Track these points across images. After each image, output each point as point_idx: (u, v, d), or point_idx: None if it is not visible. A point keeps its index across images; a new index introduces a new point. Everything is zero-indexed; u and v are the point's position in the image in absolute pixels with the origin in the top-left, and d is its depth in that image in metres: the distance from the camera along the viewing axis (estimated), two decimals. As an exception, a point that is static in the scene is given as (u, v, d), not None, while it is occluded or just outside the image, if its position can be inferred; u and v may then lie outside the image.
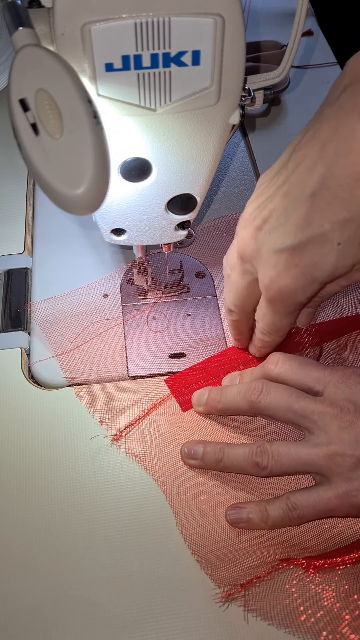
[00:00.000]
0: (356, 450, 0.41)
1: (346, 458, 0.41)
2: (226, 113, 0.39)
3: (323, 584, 0.40)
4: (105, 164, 0.32)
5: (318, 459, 0.42)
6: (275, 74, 0.43)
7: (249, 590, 0.40)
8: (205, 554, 0.42)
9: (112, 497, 0.44)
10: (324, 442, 0.42)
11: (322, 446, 0.42)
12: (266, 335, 0.46)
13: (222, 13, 0.34)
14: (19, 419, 0.48)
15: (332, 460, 0.41)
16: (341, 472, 0.41)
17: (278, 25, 0.82)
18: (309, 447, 0.42)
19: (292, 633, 0.38)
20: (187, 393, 0.49)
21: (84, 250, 0.60)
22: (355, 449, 0.41)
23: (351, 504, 0.41)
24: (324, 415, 0.42)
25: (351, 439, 0.41)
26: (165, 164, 0.41)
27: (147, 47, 0.34)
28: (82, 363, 0.51)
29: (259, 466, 0.43)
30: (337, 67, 0.79)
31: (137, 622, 0.39)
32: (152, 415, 0.48)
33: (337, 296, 0.55)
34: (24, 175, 0.67)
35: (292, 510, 0.41)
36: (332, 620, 0.38)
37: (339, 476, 0.41)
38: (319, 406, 0.43)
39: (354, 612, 0.39)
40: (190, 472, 0.45)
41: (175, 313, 0.55)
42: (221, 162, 0.68)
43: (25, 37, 0.32)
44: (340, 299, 0.55)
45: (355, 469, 0.41)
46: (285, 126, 0.72)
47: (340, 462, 0.41)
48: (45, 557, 0.42)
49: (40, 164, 0.32)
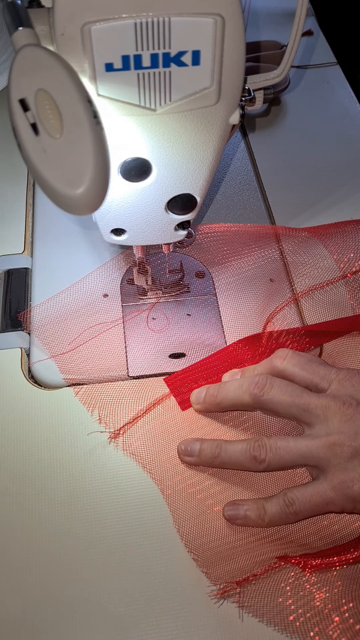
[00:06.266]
0: (354, 441, 0.41)
1: (344, 448, 0.41)
2: (226, 113, 0.39)
3: (318, 584, 0.40)
4: (105, 164, 0.32)
5: (317, 450, 0.42)
6: (275, 74, 0.43)
7: (244, 587, 0.40)
8: (201, 552, 0.42)
9: (112, 496, 0.44)
10: (323, 433, 0.42)
11: (322, 437, 0.42)
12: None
13: (222, 13, 0.34)
14: (19, 419, 0.48)
15: (330, 451, 0.42)
16: (338, 462, 0.41)
17: (278, 25, 0.82)
18: (308, 440, 0.43)
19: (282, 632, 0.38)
20: (187, 392, 0.49)
21: (84, 250, 0.60)
22: (353, 440, 0.41)
23: (346, 496, 0.41)
24: (326, 409, 0.43)
25: (351, 431, 0.42)
26: (165, 164, 0.41)
27: (147, 47, 0.34)
28: (82, 363, 0.51)
29: (257, 460, 0.43)
30: (337, 67, 0.79)
31: (136, 622, 0.39)
32: (151, 414, 0.48)
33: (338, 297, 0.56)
34: (24, 176, 0.67)
35: (289, 505, 0.41)
36: (321, 621, 0.39)
37: (335, 467, 0.41)
38: (322, 400, 0.43)
39: (343, 614, 0.39)
40: (188, 470, 0.46)
41: (175, 313, 0.55)
42: (221, 162, 0.68)
43: (25, 37, 0.32)
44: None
45: (352, 459, 0.41)
46: (285, 126, 0.72)
47: (338, 452, 0.41)
48: (45, 557, 0.42)
49: (40, 164, 0.32)
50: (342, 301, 0.55)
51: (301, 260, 0.58)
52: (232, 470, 0.45)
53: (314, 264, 0.58)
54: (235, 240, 0.60)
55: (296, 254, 0.59)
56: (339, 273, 0.57)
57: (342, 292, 0.56)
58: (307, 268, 0.58)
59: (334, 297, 0.55)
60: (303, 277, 0.57)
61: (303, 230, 0.60)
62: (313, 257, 0.58)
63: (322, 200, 0.64)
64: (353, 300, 0.55)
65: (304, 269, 0.58)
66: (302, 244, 0.59)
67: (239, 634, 0.39)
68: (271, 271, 0.58)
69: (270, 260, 0.59)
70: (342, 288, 0.56)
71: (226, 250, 0.59)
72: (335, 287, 0.56)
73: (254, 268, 0.58)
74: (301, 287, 0.56)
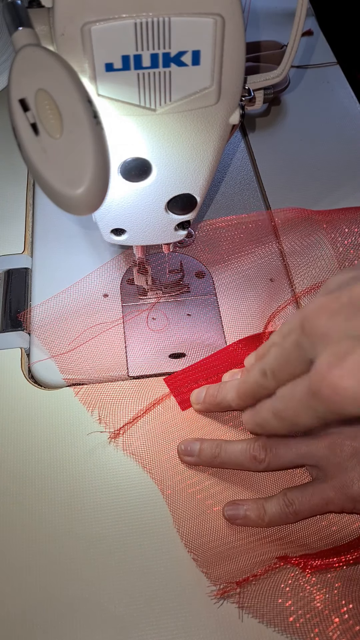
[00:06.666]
0: (354, 441, 0.42)
1: (344, 447, 0.42)
2: (226, 113, 0.39)
3: (318, 585, 0.40)
4: (105, 164, 0.32)
5: (316, 449, 0.42)
6: (275, 74, 0.43)
7: (244, 588, 0.40)
8: (201, 552, 0.42)
9: (112, 496, 0.44)
10: (323, 433, 0.43)
11: (321, 437, 0.43)
12: (274, 420, 0.38)
13: (222, 13, 0.34)
14: (19, 419, 0.48)
15: (330, 450, 0.42)
16: (338, 461, 0.41)
17: (278, 25, 0.82)
18: (308, 440, 0.43)
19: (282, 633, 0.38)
20: (187, 392, 0.49)
21: (84, 250, 0.60)
22: (353, 439, 0.42)
23: (346, 496, 0.41)
24: None
25: (350, 431, 0.42)
26: (165, 164, 0.41)
27: (147, 47, 0.34)
28: (82, 363, 0.51)
29: (257, 459, 0.43)
30: (337, 67, 0.79)
31: (136, 622, 0.39)
32: (151, 414, 0.48)
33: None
34: (24, 176, 0.67)
35: (289, 505, 0.42)
36: (321, 622, 0.39)
37: (335, 466, 0.41)
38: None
39: (343, 615, 0.39)
40: (188, 470, 0.46)
41: (175, 313, 0.55)
42: (221, 162, 0.68)
43: (25, 37, 0.32)
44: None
45: (352, 458, 0.41)
46: (285, 126, 0.72)
47: (337, 451, 0.42)
48: (45, 557, 0.42)
49: (40, 164, 0.32)
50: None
51: (301, 260, 0.58)
52: (232, 470, 0.45)
53: (315, 264, 0.58)
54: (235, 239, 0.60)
55: (296, 254, 0.59)
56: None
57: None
58: (307, 268, 0.58)
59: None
60: (303, 277, 0.57)
61: (304, 211, 0.59)
62: (313, 257, 0.58)
63: (322, 200, 0.64)
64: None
65: (304, 269, 0.58)
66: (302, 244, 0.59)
67: (239, 634, 0.39)
68: (271, 271, 0.58)
69: (270, 260, 0.59)
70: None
71: (226, 248, 0.59)
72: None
73: (254, 268, 0.58)
74: (301, 287, 0.56)
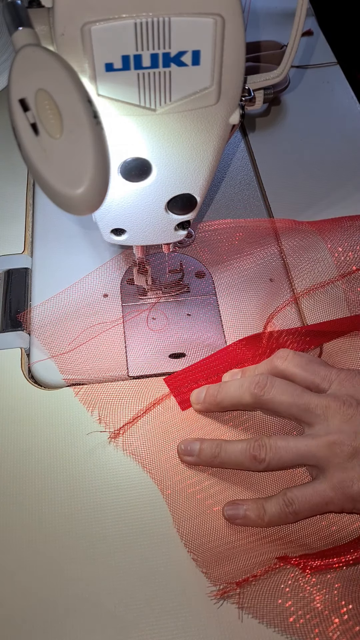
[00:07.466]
0: (354, 440, 0.42)
1: (344, 447, 0.41)
2: (226, 113, 0.39)
3: (318, 585, 0.40)
4: (105, 164, 0.32)
5: (316, 449, 0.42)
6: (275, 74, 0.43)
7: (244, 588, 0.40)
8: (201, 552, 0.42)
9: (112, 496, 0.44)
10: (323, 433, 0.43)
11: (321, 437, 0.42)
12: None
13: (222, 13, 0.34)
14: (19, 419, 0.48)
15: (329, 450, 0.42)
16: (338, 461, 0.41)
17: (278, 25, 0.82)
18: (308, 439, 0.43)
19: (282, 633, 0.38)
20: (187, 392, 0.49)
21: (84, 250, 0.60)
22: (353, 439, 0.42)
23: (346, 495, 0.41)
24: (327, 408, 0.43)
25: (350, 430, 0.42)
26: (165, 164, 0.41)
27: (147, 47, 0.34)
28: (82, 363, 0.51)
29: (257, 459, 0.43)
30: (337, 67, 0.79)
31: (136, 622, 0.39)
32: (151, 414, 0.48)
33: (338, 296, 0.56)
34: (24, 176, 0.67)
35: (289, 505, 0.42)
36: (321, 622, 0.39)
37: (335, 466, 0.41)
38: (323, 400, 0.44)
39: (343, 616, 0.39)
40: (188, 470, 0.46)
41: (175, 313, 0.55)
42: (221, 162, 0.68)
43: (25, 37, 0.32)
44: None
45: (352, 458, 0.41)
46: (285, 126, 0.72)
47: (337, 451, 0.42)
48: (45, 557, 0.42)
49: (40, 164, 0.32)
50: (342, 301, 0.55)
51: (301, 260, 0.58)
52: (232, 470, 0.45)
53: (314, 264, 0.58)
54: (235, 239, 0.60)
55: (296, 254, 0.59)
56: (338, 272, 0.57)
57: (342, 291, 0.56)
58: (307, 268, 0.58)
59: (334, 297, 0.55)
60: (303, 277, 0.57)
61: (302, 223, 0.60)
62: (313, 257, 0.58)
63: (322, 200, 0.64)
64: (352, 300, 0.55)
65: (304, 269, 0.58)
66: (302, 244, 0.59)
67: (239, 635, 0.39)
68: (271, 271, 0.58)
69: (270, 260, 0.59)
70: (342, 288, 0.56)
71: (226, 248, 0.59)
72: (335, 286, 0.56)
73: (254, 268, 0.58)
74: (301, 287, 0.56)
